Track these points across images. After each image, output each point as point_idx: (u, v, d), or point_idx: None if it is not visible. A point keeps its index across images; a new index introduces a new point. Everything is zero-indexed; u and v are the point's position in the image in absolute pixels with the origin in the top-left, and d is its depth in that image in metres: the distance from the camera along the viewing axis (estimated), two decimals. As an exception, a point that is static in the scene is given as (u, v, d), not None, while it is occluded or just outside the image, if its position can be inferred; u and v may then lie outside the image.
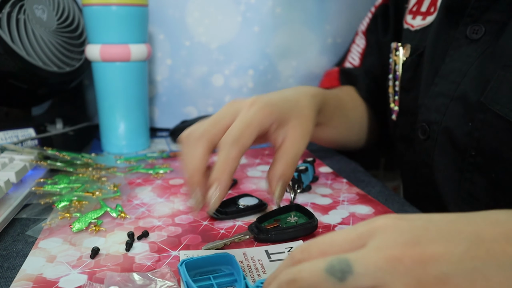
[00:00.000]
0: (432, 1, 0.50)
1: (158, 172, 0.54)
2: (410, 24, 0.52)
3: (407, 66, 0.51)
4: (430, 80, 0.47)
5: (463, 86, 0.43)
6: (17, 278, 0.32)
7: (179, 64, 0.78)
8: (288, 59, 0.79)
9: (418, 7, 0.52)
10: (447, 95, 0.44)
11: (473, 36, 0.43)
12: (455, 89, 0.43)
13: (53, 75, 0.62)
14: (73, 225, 0.39)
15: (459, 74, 0.43)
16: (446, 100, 0.44)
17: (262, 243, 0.37)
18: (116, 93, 0.62)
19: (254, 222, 0.38)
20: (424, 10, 0.50)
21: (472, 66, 0.42)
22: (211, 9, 0.75)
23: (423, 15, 0.50)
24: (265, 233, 0.37)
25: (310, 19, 0.77)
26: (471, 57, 0.42)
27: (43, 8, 0.62)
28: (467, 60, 0.43)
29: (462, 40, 0.44)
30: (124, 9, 0.59)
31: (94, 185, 0.48)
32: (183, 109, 0.80)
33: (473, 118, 0.41)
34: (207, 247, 0.35)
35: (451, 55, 0.45)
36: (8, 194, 0.44)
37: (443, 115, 0.44)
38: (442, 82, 0.45)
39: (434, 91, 0.46)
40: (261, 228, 0.37)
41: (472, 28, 0.43)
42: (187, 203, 0.36)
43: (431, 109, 0.46)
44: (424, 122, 0.47)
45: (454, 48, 0.45)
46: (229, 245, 0.36)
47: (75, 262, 0.34)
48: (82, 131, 0.69)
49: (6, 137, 0.58)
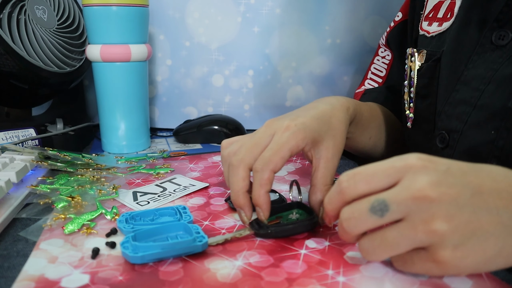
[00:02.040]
0: (449, 7, 0.49)
1: (159, 172, 0.54)
2: (426, 30, 0.51)
3: (422, 72, 0.49)
4: (451, 87, 0.45)
5: (487, 93, 0.41)
6: (19, 278, 0.32)
7: (179, 65, 0.78)
8: (287, 59, 0.79)
9: (434, 13, 0.51)
10: (470, 103, 0.43)
11: (499, 42, 0.41)
12: (478, 97, 0.42)
13: (54, 75, 0.62)
14: (65, 226, 0.39)
15: (483, 81, 0.42)
16: (468, 108, 0.43)
17: (262, 238, 0.38)
18: (117, 93, 0.62)
19: (255, 218, 0.39)
20: (441, 16, 0.49)
21: (497, 73, 0.41)
22: (211, 10, 0.75)
23: (440, 21, 0.49)
24: (265, 229, 0.37)
25: (309, 20, 0.77)
26: (496, 63, 0.41)
27: (43, 9, 0.62)
28: (492, 67, 0.41)
29: (487, 46, 0.42)
30: (125, 9, 0.59)
31: (94, 186, 0.48)
32: (183, 109, 0.80)
33: (497, 126, 0.40)
34: (209, 242, 0.36)
35: (474, 61, 0.43)
36: (9, 194, 0.44)
37: (465, 123, 0.43)
38: (464, 88, 0.44)
39: (455, 98, 0.44)
40: (262, 224, 0.38)
41: (498, 33, 0.41)
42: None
43: (452, 116, 0.45)
44: (443, 130, 0.45)
45: (477, 54, 0.43)
46: (230, 240, 0.37)
47: (76, 263, 0.34)
48: (82, 131, 0.69)
49: (7, 137, 0.58)
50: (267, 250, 0.36)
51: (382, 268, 0.33)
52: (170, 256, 0.34)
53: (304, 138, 0.39)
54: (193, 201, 0.46)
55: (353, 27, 0.79)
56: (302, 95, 0.81)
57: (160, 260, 0.34)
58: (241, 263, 0.34)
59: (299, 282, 0.31)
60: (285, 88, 0.80)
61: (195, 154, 0.65)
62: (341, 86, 0.82)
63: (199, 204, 0.46)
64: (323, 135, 0.41)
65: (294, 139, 0.39)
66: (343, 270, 0.32)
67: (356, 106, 0.49)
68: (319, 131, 0.41)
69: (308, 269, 0.33)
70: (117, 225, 0.39)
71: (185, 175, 0.54)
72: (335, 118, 0.43)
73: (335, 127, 0.42)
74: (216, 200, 0.47)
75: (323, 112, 0.43)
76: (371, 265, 0.33)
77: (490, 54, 0.42)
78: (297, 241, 0.37)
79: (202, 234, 0.36)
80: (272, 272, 0.32)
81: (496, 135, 0.40)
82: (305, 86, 0.81)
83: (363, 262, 0.34)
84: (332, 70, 0.81)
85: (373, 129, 0.56)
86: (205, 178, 0.54)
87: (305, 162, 0.60)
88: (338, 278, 0.31)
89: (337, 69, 0.81)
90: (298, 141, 0.39)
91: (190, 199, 0.47)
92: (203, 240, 0.35)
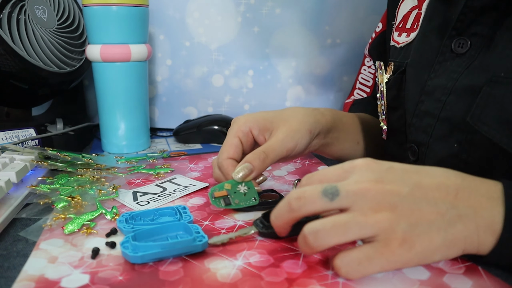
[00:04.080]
0: (416, 17, 0.48)
1: (159, 172, 0.54)
2: (396, 41, 0.51)
3: (390, 84, 0.49)
4: (416, 98, 0.44)
5: (448, 105, 0.40)
6: (19, 278, 0.32)
7: (179, 65, 0.78)
8: (287, 59, 0.79)
9: (403, 23, 0.50)
10: (433, 115, 0.42)
11: (459, 50, 0.40)
12: (440, 108, 0.41)
13: (54, 75, 0.62)
14: (65, 226, 0.39)
15: (444, 91, 0.41)
16: (432, 120, 0.42)
17: (267, 238, 0.38)
18: (117, 93, 0.62)
19: (259, 218, 0.39)
20: (409, 26, 0.49)
21: (457, 82, 0.40)
22: (211, 10, 0.75)
23: (408, 32, 0.49)
24: (269, 228, 0.36)
25: (309, 20, 0.77)
26: (456, 72, 0.40)
27: (43, 9, 0.62)
28: (452, 76, 0.40)
29: (448, 54, 0.41)
30: (125, 9, 0.59)
31: (94, 186, 0.48)
32: (183, 109, 0.80)
33: (459, 139, 0.39)
34: (212, 241, 0.36)
35: (436, 70, 0.43)
36: (9, 194, 0.44)
37: (430, 137, 0.42)
38: (428, 100, 0.43)
39: (421, 110, 0.44)
40: (266, 223, 0.37)
41: (457, 41, 0.40)
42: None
43: (420, 129, 0.44)
44: (413, 143, 0.45)
45: (439, 63, 0.42)
46: (234, 239, 0.37)
47: (76, 263, 0.34)
48: (82, 131, 0.69)
49: (7, 137, 0.58)
50: (267, 250, 0.36)
51: (382, 268, 0.33)
52: (170, 256, 0.34)
53: (245, 122, 0.46)
54: (193, 201, 0.46)
55: (353, 27, 0.79)
56: (302, 95, 0.81)
57: (160, 260, 0.34)
58: (241, 263, 0.34)
59: (299, 283, 0.31)
60: (285, 88, 0.80)
61: (195, 154, 0.65)
62: (341, 86, 0.82)
63: (199, 204, 0.46)
64: (275, 123, 0.47)
65: (236, 125, 0.47)
66: (343, 270, 0.32)
67: (333, 113, 0.53)
68: (271, 120, 0.47)
69: (308, 269, 0.33)
70: (117, 225, 0.39)
71: (185, 175, 0.54)
72: (289, 111, 0.49)
73: (289, 115, 0.48)
74: (216, 200, 0.47)
75: (282, 110, 0.50)
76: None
77: (450, 63, 0.41)
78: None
79: (202, 234, 0.36)
80: (272, 272, 0.32)
81: (459, 148, 0.40)
82: (305, 86, 0.81)
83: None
84: (332, 70, 0.81)
85: (359, 134, 0.57)
86: (205, 178, 0.54)
87: (305, 162, 0.60)
88: (338, 278, 0.31)
89: (337, 69, 0.81)
90: (240, 126, 0.46)
91: (190, 199, 0.47)
92: (203, 240, 0.35)
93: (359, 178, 0.31)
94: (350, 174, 0.32)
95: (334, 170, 0.33)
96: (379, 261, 0.30)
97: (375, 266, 0.30)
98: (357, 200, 0.30)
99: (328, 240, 0.30)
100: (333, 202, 0.30)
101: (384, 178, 0.31)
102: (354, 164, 0.33)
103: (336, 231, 0.30)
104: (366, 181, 0.31)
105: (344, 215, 0.30)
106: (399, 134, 0.49)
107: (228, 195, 0.43)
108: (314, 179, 0.34)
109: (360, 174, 0.32)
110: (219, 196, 0.42)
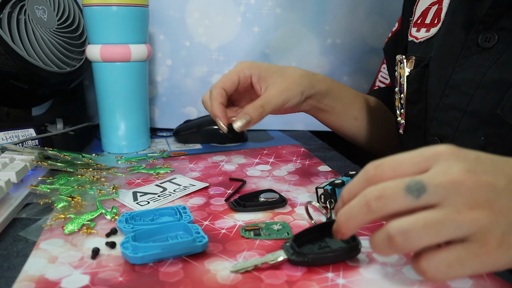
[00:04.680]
0: (436, 12, 0.49)
1: (159, 172, 0.54)
2: (414, 37, 0.51)
3: (411, 78, 0.49)
4: (440, 92, 0.45)
5: (476, 99, 0.41)
6: (19, 279, 0.32)
7: (179, 65, 0.78)
8: (288, 59, 0.79)
9: (422, 19, 0.51)
10: (459, 108, 0.42)
11: (486, 45, 0.41)
12: (467, 102, 0.41)
13: (54, 75, 0.62)
14: (65, 226, 0.39)
15: (471, 85, 0.41)
16: (458, 114, 0.43)
17: (298, 265, 0.33)
18: (117, 93, 0.62)
19: (290, 241, 0.34)
20: (428, 22, 0.49)
21: (485, 77, 0.40)
22: (211, 10, 0.75)
23: (427, 27, 0.49)
24: (302, 256, 0.33)
25: (309, 20, 0.77)
26: (483, 66, 0.41)
27: (43, 9, 0.62)
28: (479, 70, 0.41)
29: (474, 49, 0.42)
30: (124, 9, 0.59)
31: (94, 186, 0.48)
32: (183, 109, 0.80)
33: (487, 132, 0.40)
34: (235, 268, 0.32)
35: (461, 64, 0.43)
36: (9, 194, 0.44)
37: (456, 130, 0.43)
38: (453, 93, 0.43)
39: (445, 104, 0.44)
40: (298, 249, 0.33)
41: (484, 35, 0.41)
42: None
43: (444, 122, 0.44)
44: (436, 136, 0.45)
45: (464, 57, 0.43)
46: (260, 266, 0.33)
47: (76, 263, 0.34)
48: (82, 131, 0.69)
49: (7, 137, 0.58)
50: (267, 251, 0.35)
51: (382, 269, 0.33)
52: (170, 256, 0.34)
53: (250, 67, 0.51)
54: (193, 201, 0.46)
55: (353, 27, 0.79)
56: (302, 95, 0.81)
57: (160, 260, 0.34)
58: (241, 264, 0.34)
59: (299, 285, 0.31)
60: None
61: (195, 154, 0.65)
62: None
63: (199, 204, 0.46)
64: (272, 73, 0.51)
65: (240, 66, 0.52)
66: (342, 273, 0.32)
67: (332, 83, 0.57)
68: (271, 73, 0.51)
69: (308, 271, 0.33)
70: (117, 225, 0.39)
71: (185, 175, 0.54)
72: (290, 69, 0.53)
73: (288, 73, 0.52)
74: (216, 200, 0.47)
75: (284, 67, 0.54)
76: (371, 267, 0.33)
77: (477, 57, 0.42)
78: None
79: (202, 234, 0.36)
80: (272, 275, 0.32)
81: (486, 141, 0.40)
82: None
83: (362, 264, 0.34)
84: (332, 70, 0.81)
85: (359, 111, 0.60)
86: (205, 178, 0.54)
87: (305, 162, 0.60)
88: (338, 280, 0.31)
89: (337, 69, 0.81)
90: (243, 68, 0.51)
91: (190, 199, 0.47)
92: (203, 240, 0.35)
93: (447, 168, 0.26)
94: (433, 163, 0.27)
95: (412, 158, 0.28)
96: (472, 263, 0.26)
97: (467, 269, 0.26)
98: (449, 195, 0.26)
99: (420, 241, 0.26)
100: (420, 200, 0.26)
101: (476, 169, 0.27)
102: (437, 150, 0.28)
103: (429, 231, 0.26)
104: (457, 172, 0.26)
105: (436, 212, 0.26)
106: (416, 128, 0.50)
107: (259, 228, 0.39)
108: (385, 167, 0.28)
109: (448, 163, 0.27)
110: (249, 230, 0.39)
